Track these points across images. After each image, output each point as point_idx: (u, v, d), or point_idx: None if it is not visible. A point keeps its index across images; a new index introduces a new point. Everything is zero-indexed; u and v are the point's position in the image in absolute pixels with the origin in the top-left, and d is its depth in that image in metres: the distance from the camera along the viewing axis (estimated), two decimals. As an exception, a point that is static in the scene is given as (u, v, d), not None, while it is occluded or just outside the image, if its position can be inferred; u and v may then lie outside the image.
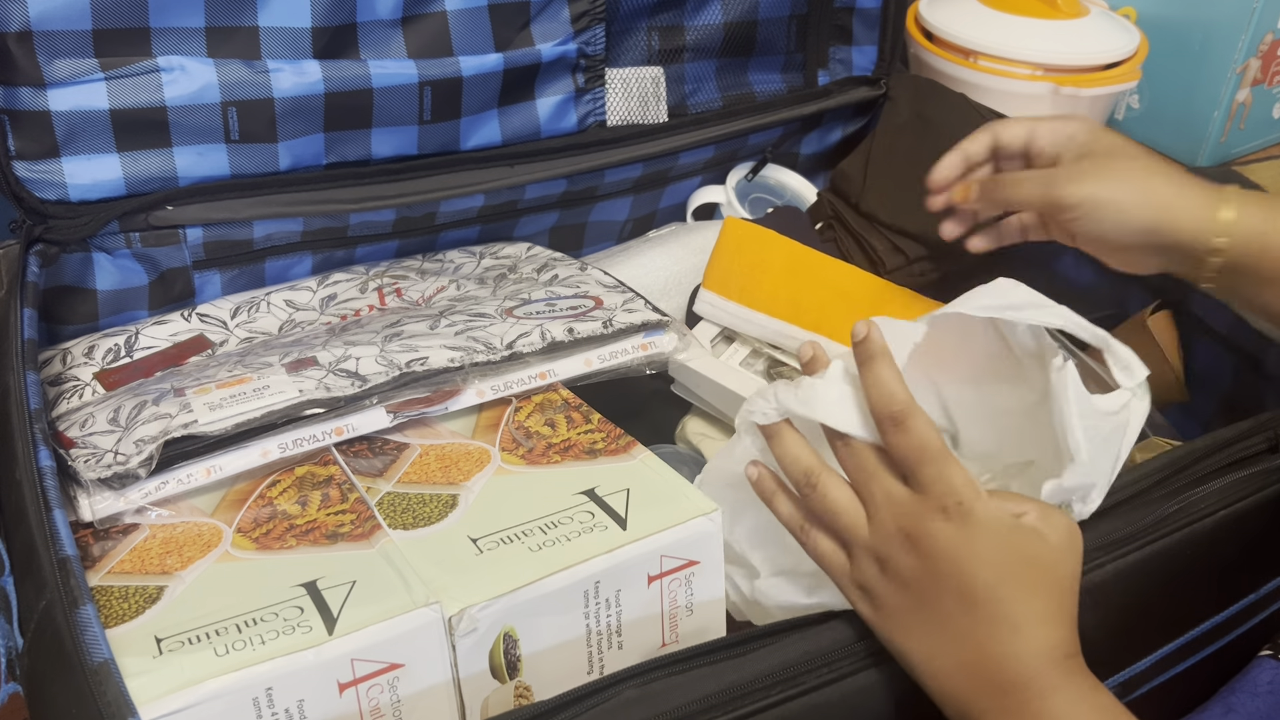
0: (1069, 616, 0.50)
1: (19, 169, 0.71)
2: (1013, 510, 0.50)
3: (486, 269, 0.85)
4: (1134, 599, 0.57)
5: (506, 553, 0.55)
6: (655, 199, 0.97)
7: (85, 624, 0.46)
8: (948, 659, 0.49)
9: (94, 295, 0.76)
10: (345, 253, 0.84)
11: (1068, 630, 0.50)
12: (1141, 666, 0.60)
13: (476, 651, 0.53)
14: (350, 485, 0.61)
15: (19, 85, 0.69)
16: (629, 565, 0.56)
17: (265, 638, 0.50)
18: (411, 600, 0.52)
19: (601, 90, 0.89)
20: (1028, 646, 0.48)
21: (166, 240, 0.76)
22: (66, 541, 0.50)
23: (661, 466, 0.62)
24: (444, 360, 0.66)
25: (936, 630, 0.49)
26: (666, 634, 0.59)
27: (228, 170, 0.76)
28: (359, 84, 0.77)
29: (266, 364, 0.66)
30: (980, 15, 1.14)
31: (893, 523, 0.51)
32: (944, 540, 0.49)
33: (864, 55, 0.98)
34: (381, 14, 0.78)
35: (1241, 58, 1.18)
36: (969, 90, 0.97)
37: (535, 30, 0.84)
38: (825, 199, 0.97)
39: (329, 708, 0.50)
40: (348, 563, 0.55)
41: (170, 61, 0.72)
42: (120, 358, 0.72)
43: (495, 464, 0.63)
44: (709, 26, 0.91)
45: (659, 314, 0.73)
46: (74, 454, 0.59)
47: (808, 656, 0.50)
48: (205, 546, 0.56)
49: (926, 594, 0.50)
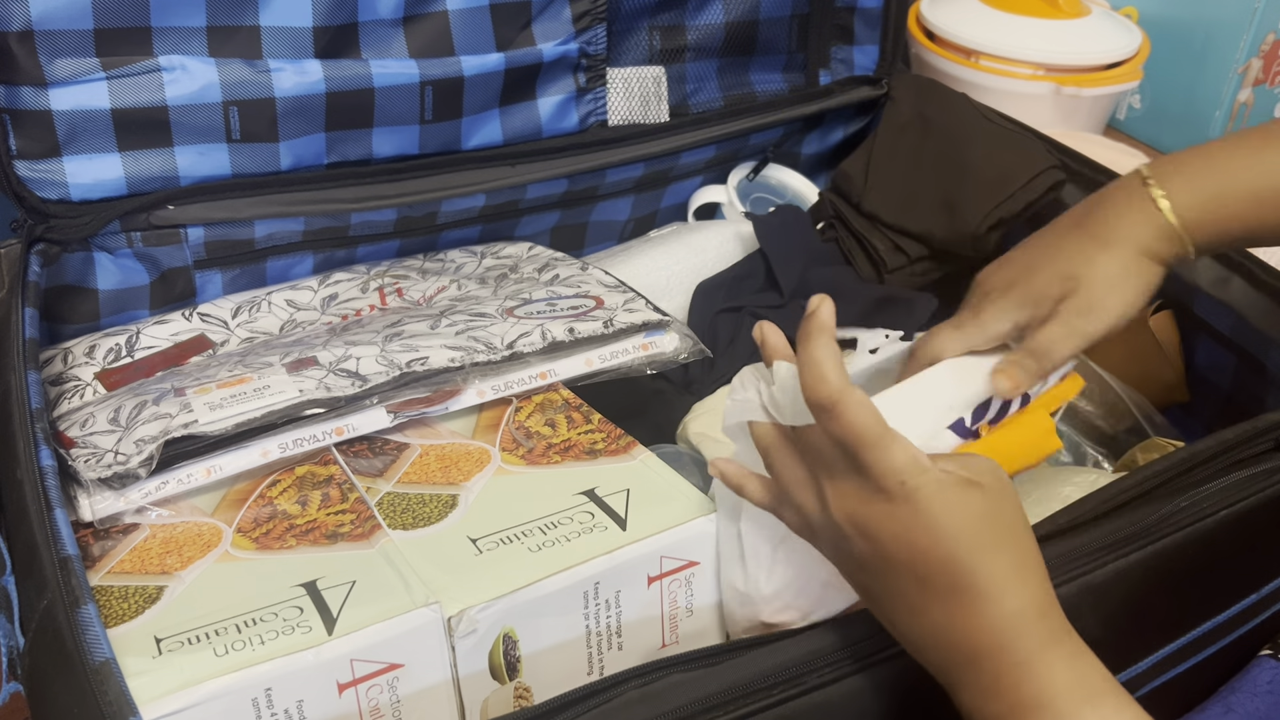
0: (1036, 568, 0.48)
1: (20, 168, 0.71)
2: (944, 468, 0.48)
3: (488, 269, 0.85)
4: (1136, 599, 0.57)
5: (506, 553, 0.55)
6: (656, 199, 0.97)
7: (87, 623, 0.46)
8: (917, 632, 0.48)
9: (95, 295, 0.76)
10: (346, 252, 0.84)
11: (1038, 587, 0.47)
12: (1143, 667, 0.60)
13: (476, 652, 0.53)
14: (350, 485, 0.61)
15: (20, 84, 0.69)
16: (629, 566, 0.56)
17: (265, 638, 0.50)
18: (411, 600, 0.52)
19: (603, 90, 0.89)
20: (995, 611, 0.46)
21: (168, 240, 0.76)
22: (68, 541, 0.50)
23: (662, 467, 0.62)
24: (444, 360, 0.66)
25: (902, 606, 0.48)
26: (666, 635, 0.59)
27: (229, 170, 0.76)
28: (360, 83, 0.77)
29: (267, 364, 0.66)
30: (982, 15, 1.14)
31: (839, 510, 0.49)
32: (889, 523, 0.47)
33: (865, 55, 0.98)
34: (383, 13, 0.78)
35: (1243, 58, 1.18)
36: (971, 90, 0.97)
37: (537, 30, 0.84)
38: (826, 199, 0.97)
39: (328, 708, 0.50)
40: (347, 563, 0.55)
41: (171, 61, 0.72)
42: (121, 357, 0.72)
43: (495, 464, 0.63)
44: (710, 26, 0.91)
45: (660, 314, 0.73)
46: (74, 454, 0.59)
47: (809, 656, 0.50)
48: (205, 546, 0.56)
49: (883, 575, 0.48)
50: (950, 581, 0.47)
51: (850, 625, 0.52)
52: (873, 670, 0.51)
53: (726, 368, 0.84)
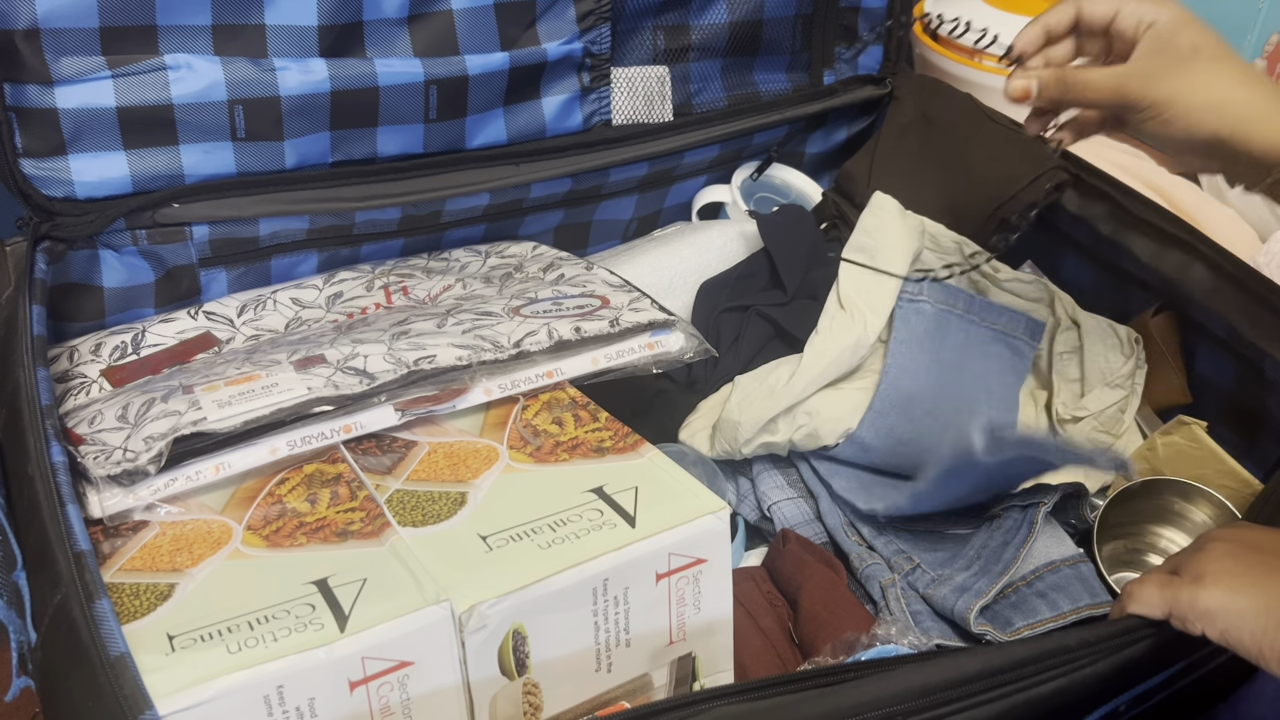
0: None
1: (26, 166, 0.71)
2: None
3: (492, 268, 0.85)
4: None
5: (515, 550, 0.55)
6: (660, 198, 0.97)
7: (102, 617, 0.46)
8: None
9: (100, 292, 0.76)
10: (351, 251, 0.84)
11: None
12: (1155, 682, 0.60)
13: (486, 648, 0.53)
14: (359, 483, 0.61)
15: (26, 83, 0.69)
16: (637, 563, 0.56)
17: (277, 635, 0.50)
18: (422, 598, 0.52)
19: (607, 89, 0.89)
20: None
21: (173, 238, 0.76)
22: (81, 536, 0.50)
23: (670, 465, 0.62)
24: (452, 358, 0.66)
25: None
26: (674, 632, 0.59)
27: (234, 168, 0.77)
28: (365, 82, 0.77)
29: (275, 362, 0.66)
30: (985, 15, 1.15)
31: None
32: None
33: (869, 55, 0.98)
34: (388, 12, 0.78)
35: (1247, 58, 1.19)
36: (974, 90, 0.97)
37: (541, 29, 0.84)
38: (830, 199, 0.98)
39: (340, 705, 0.50)
40: (358, 560, 0.55)
41: (177, 59, 0.72)
42: (127, 355, 0.72)
43: (503, 462, 0.63)
44: (714, 26, 0.91)
45: (665, 313, 0.74)
46: (83, 451, 0.59)
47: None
48: (215, 544, 0.56)
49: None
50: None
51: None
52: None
53: (730, 367, 0.84)
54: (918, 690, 0.50)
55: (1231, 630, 0.54)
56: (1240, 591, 0.54)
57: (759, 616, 0.70)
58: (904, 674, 0.51)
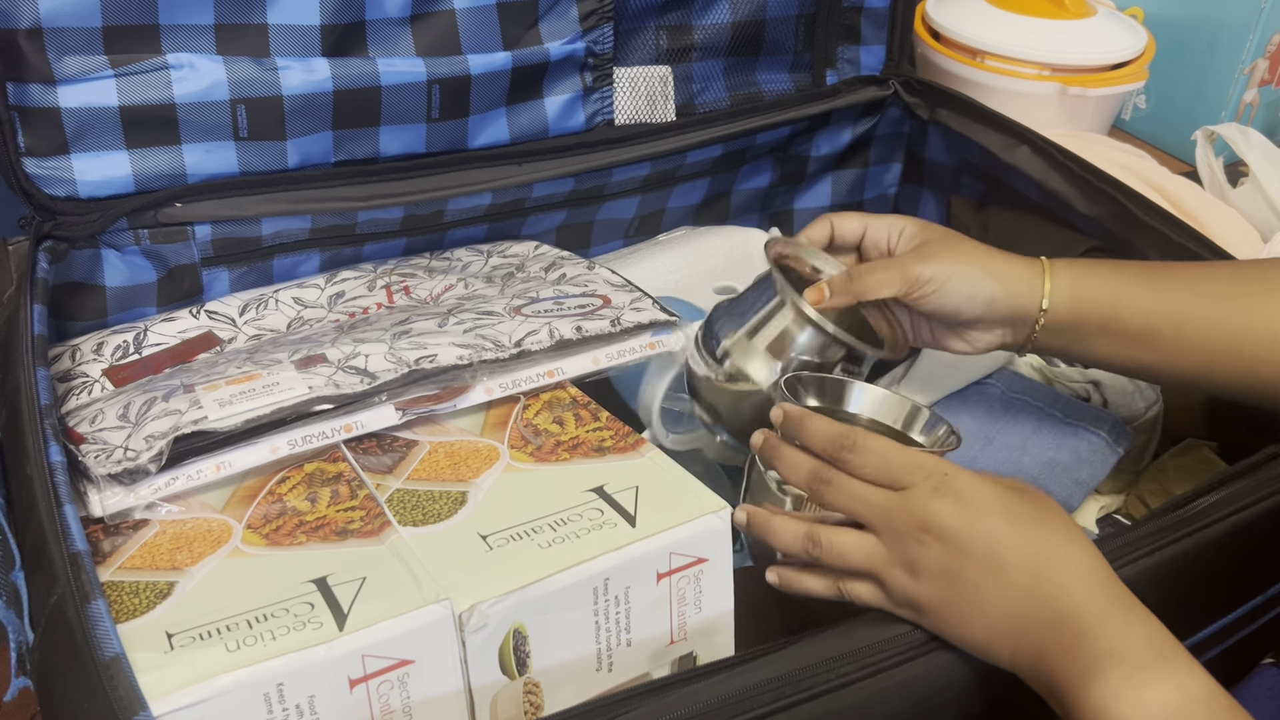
0: (1081, 536, 0.52)
1: (29, 165, 0.71)
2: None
3: (494, 267, 0.85)
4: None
5: (516, 549, 0.55)
6: (663, 198, 0.97)
7: (97, 619, 0.46)
8: (1001, 620, 0.51)
9: (103, 292, 0.76)
10: (353, 250, 0.84)
11: (1092, 551, 0.52)
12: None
13: (486, 648, 0.53)
14: (359, 482, 0.61)
15: (29, 82, 0.69)
16: (638, 562, 0.56)
17: (276, 633, 0.50)
18: (422, 597, 0.52)
19: (609, 89, 0.89)
20: (1065, 574, 0.50)
21: (175, 237, 0.76)
22: (77, 536, 0.50)
23: (670, 464, 0.62)
24: (453, 358, 0.66)
25: (981, 599, 0.51)
26: (675, 631, 0.59)
27: (236, 167, 0.77)
28: (367, 82, 0.77)
29: (276, 361, 0.66)
30: (987, 15, 1.15)
31: (901, 527, 0.53)
32: (950, 516, 0.52)
33: (872, 55, 0.98)
34: (390, 12, 0.78)
35: (1249, 58, 1.18)
36: (976, 90, 0.97)
37: (544, 29, 0.84)
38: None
39: (340, 704, 0.50)
40: (358, 559, 0.55)
41: (180, 59, 0.72)
42: (129, 354, 0.72)
43: (504, 461, 0.63)
44: (717, 25, 0.91)
45: (667, 313, 0.73)
46: (84, 449, 0.59)
47: (819, 659, 0.51)
48: (215, 542, 0.56)
49: (961, 571, 0.52)
50: (1020, 557, 0.51)
51: (858, 631, 0.53)
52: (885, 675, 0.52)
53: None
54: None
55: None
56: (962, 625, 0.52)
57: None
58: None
